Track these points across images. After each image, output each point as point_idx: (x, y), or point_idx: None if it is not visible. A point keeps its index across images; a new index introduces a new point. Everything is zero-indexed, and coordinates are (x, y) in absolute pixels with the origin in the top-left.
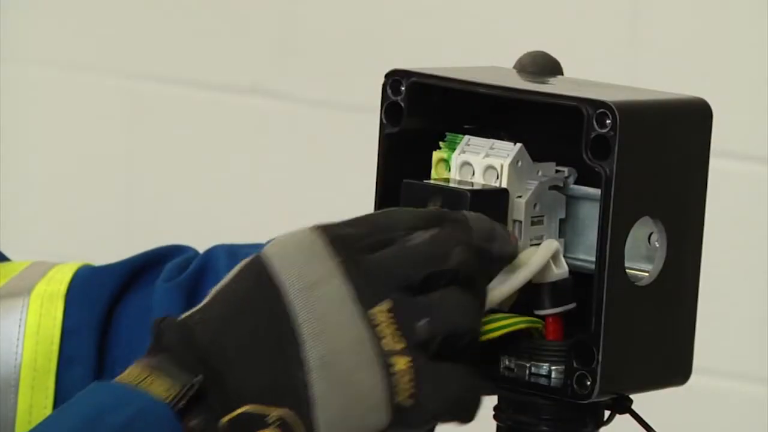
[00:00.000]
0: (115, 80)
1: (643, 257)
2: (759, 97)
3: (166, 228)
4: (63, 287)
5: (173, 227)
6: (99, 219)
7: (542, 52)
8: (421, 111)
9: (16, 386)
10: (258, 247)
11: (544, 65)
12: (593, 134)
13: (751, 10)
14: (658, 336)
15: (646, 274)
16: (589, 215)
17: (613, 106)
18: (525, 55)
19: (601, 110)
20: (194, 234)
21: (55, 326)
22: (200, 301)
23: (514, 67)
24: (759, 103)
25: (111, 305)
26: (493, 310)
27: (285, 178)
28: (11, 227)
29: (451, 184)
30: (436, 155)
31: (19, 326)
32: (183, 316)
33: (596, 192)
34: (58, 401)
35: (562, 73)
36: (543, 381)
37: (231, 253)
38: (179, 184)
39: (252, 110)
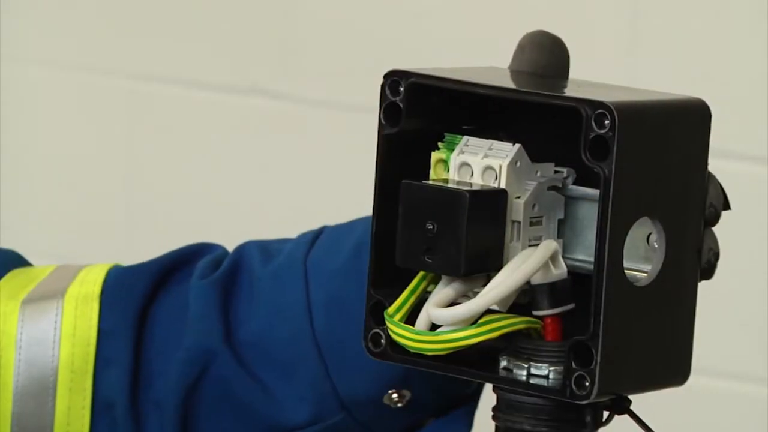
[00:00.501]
0: (115, 80)
1: (641, 258)
2: (759, 97)
3: (166, 228)
4: (97, 288)
5: (173, 227)
6: (99, 219)
7: (542, 31)
8: (420, 111)
9: (54, 388)
10: (287, 242)
11: (542, 43)
12: (592, 135)
13: (751, 10)
14: (656, 336)
15: (645, 274)
16: (588, 216)
17: (611, 107)
18: (524, 36)
19: (600, 111)
20: (194, 234)
21: (91, 327)
22: (235, 298)
23: (515, 51)
24: (759, 103)
25: (145, 305)
26: (491, 311)
27: (285, 178)
28: (11, 227)
29: (450, 185)
30: (435, 156)
31: (55, 328)
32: None
33: (595, 192)
34: (95, 402)
35: (565, 51)
36: (541, 382)
37: (263, 248)
38: (179, 184)
39: (252, 110)
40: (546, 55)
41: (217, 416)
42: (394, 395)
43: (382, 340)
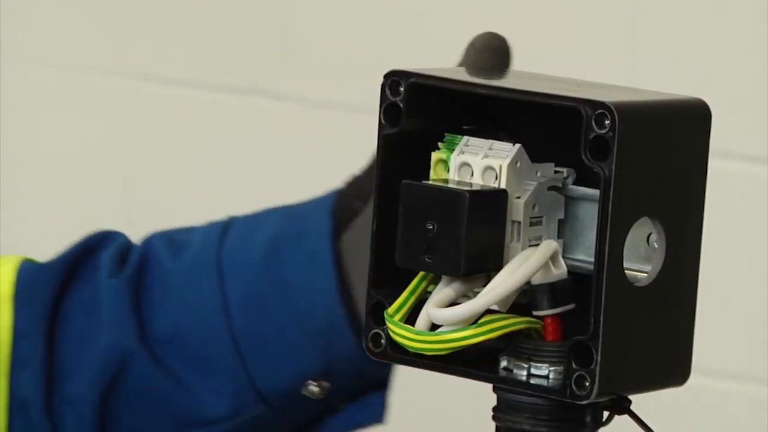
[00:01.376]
0: (115, 80)
1: (641, 258)
2: (759, 97)
3: (166, 228)
4: (9, 288)
5: (172, 227)
6: (99, 219)
7: (493, 32)
8: (420, 111)
9: None
10: (192, 231)
11: (493, 45)
12: (592, 135)
13: (751, 10)
14: (656, 337)
15: (645, 274)
16: (588, 216)
17: (612, 107)
18: (477, 36)
19: (600, 111)
20: None
21: (5, 329)
22: (147, 294)
23: (467, 49)
24: (759, 103)
25: (55, 302)
26: (491, 311)
27: (285, 178)
28: (11, 227)
29: (450, 185)
30: (435, 156)
31: None
32: None
33: (595, 193)
34: (12, 403)
35: (508, 56)
36: (542, 382)
37: (168, 240)
38: (179, 184)
39: (252, 110)
40: (498, 58)
41: (136, 413)
42: (313, 387)
43: (382, 341)
